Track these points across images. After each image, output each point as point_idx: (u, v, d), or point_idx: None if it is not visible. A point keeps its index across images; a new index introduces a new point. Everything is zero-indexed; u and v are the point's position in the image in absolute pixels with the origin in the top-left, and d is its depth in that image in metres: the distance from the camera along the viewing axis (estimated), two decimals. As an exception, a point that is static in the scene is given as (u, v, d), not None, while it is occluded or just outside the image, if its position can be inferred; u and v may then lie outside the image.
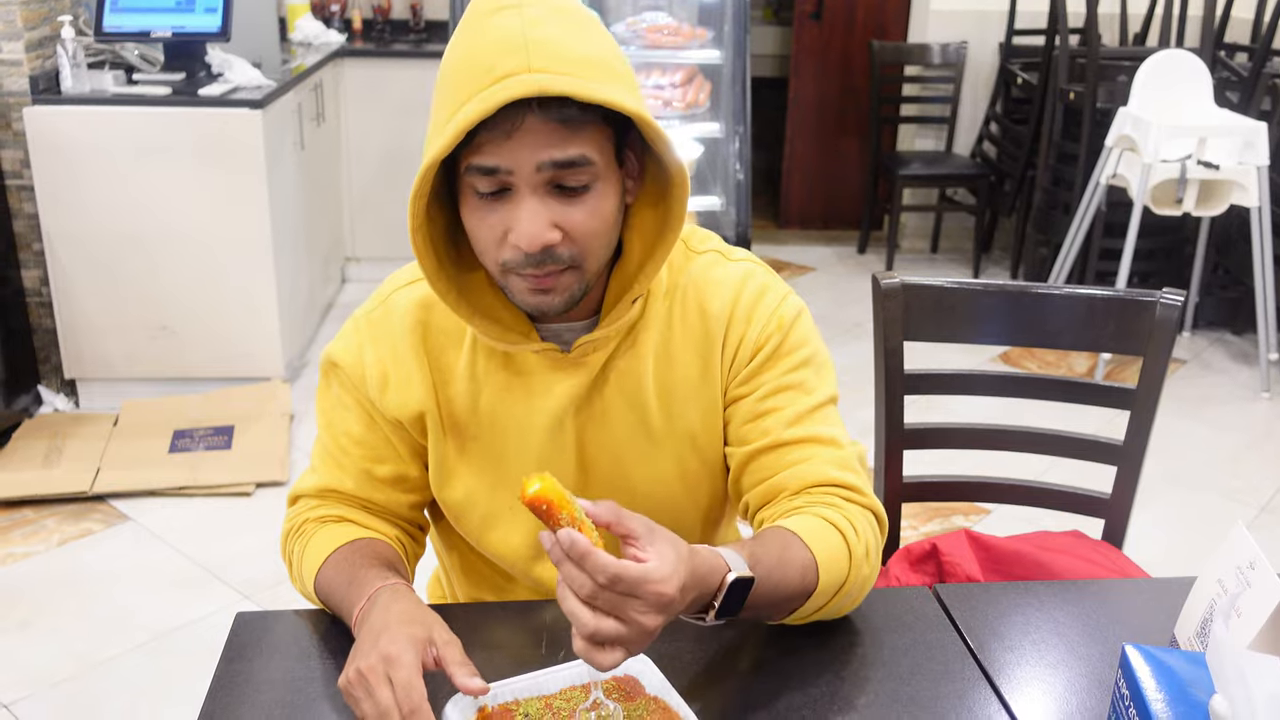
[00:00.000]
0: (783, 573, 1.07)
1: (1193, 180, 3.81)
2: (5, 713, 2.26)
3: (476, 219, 1.06)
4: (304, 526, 1.24)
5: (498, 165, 1.01)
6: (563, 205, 1.04)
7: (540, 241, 1.03)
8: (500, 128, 0.99)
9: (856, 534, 1.14)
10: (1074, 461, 1.81)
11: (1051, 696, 1.10)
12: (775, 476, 1.19)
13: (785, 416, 1.19)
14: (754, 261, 1.24)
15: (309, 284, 4.06)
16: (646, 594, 0.91)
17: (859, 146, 5.66)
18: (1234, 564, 1.05)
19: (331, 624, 1.18)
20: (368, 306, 1.24)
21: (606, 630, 0.90)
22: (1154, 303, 1.66)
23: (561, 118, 1.00)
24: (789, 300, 1.22)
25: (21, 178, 3.41)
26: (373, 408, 1.21)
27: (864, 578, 1.15)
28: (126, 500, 3.07)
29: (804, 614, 1.13)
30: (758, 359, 1.19)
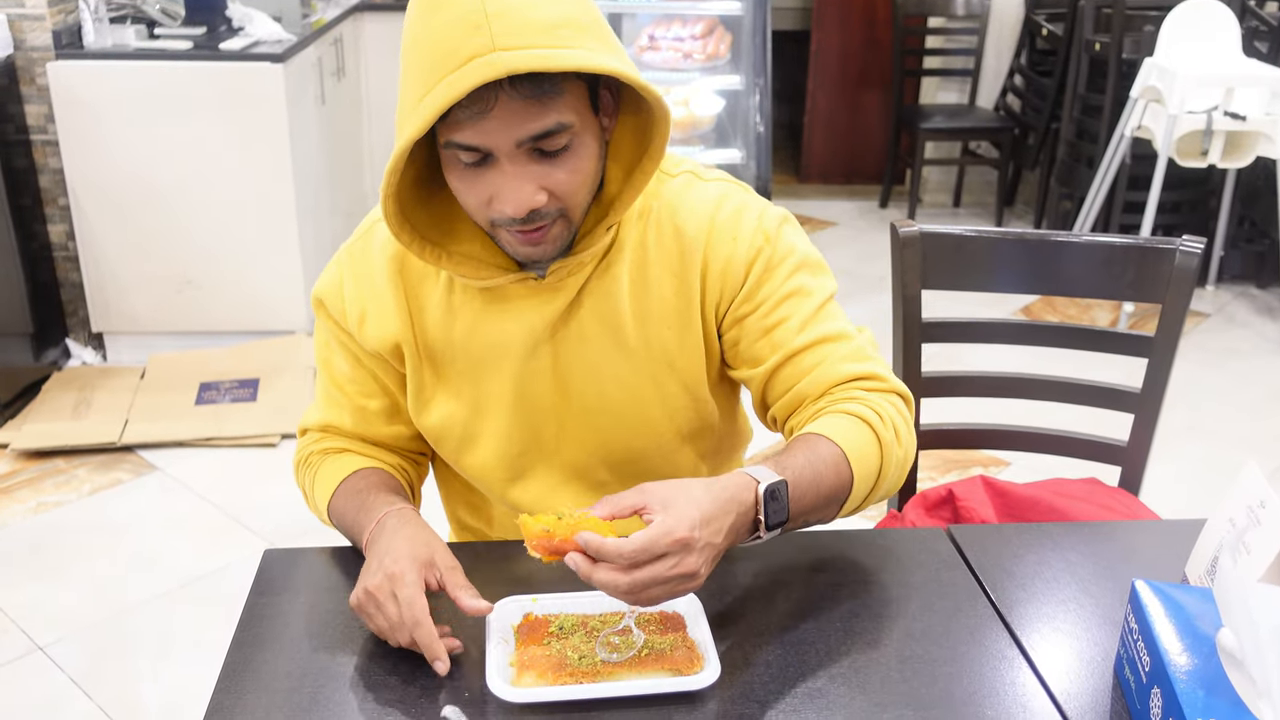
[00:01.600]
0: (815, 471, 1.10)
1: (1219, 131, 3.77)
2: (40, 655, 2.32)
3: (462, 185, 1.08)
4: (310, 459, 1.29)
5: (476, 145, 1.03)
6: (545, 167, 1.05)
7: (526, 206, 1.05)
8: (474, 107, 1.00)
9: (882, 419, 1.16)
10: (1092, 414, 1.82)
11: (1062, 633, 1.12)
12: (795, 387, 1.21)
13: (792, 325, 1.20)
14: (729, 181, 1.24)
15: (331, 238, 4.08)
16: (665, 548, 0.96)
17: (881, 99, 5.61)
18: (1245, 503, 1.06)
19: (355, 559, 1.21)
20: (350, 239, 1.26)
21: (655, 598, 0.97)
22: (1173, 250, 1.66)
23: (534, 92, 1.01)
24: (769, 212, 1.22)
25: (46, 133, 3.44)
26: (355, 344, 1.24)
27: (899, 459, 1.18)
28: (154, 451, 3.12)
29: (853, 504, 1.16)
30: (752, 276, 1.20)
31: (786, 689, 1.02)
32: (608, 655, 1.03)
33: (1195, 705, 0.88)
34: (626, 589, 0.96)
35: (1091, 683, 1.05)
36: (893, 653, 1.08)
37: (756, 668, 1.05)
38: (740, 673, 1.04)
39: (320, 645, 1.08)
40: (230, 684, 1.02)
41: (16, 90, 3.38)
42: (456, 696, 1.00)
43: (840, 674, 1.04)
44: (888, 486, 1.19)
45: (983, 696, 1.02)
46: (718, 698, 1.01)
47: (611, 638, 1.05)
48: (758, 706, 1.00)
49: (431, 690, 1.01)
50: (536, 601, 1.10)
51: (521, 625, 1.08)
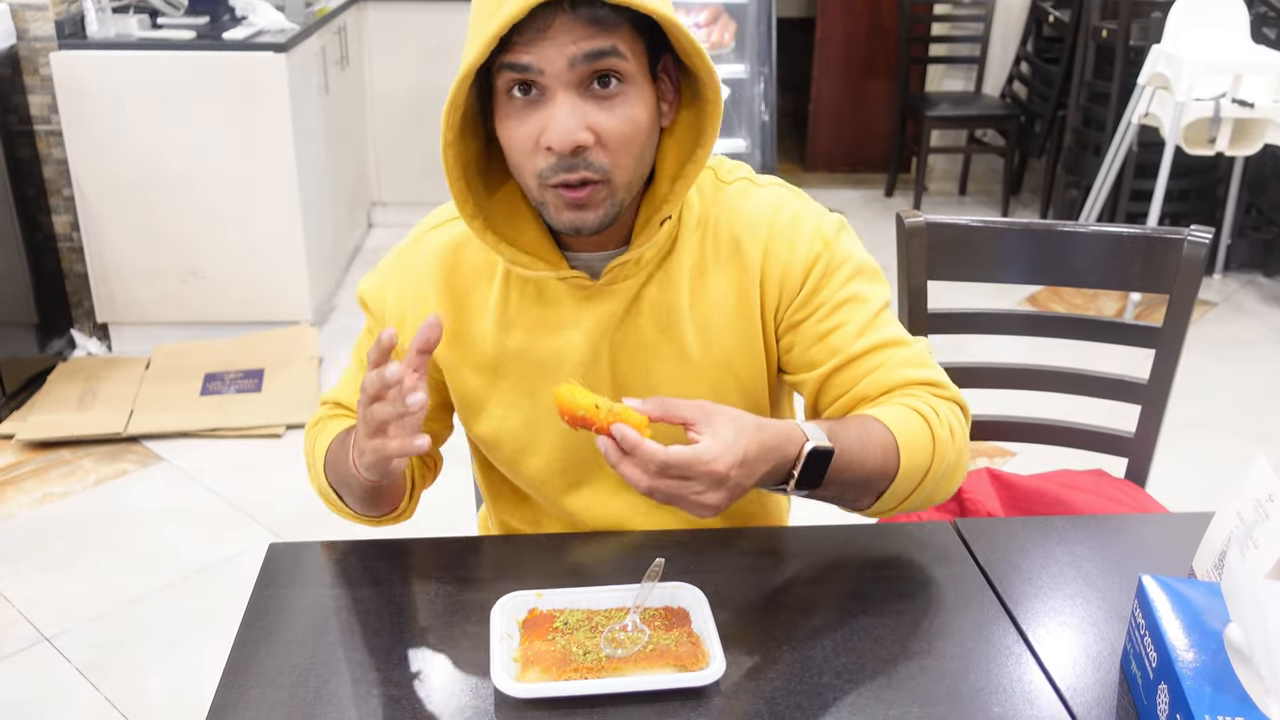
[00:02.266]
0: (863, 448, 1.10)
1: (1227, 119, 3.75)
2: (47, 646, 2.32)
3: (511, 125, 1.06)
4: (320, 422, 1.30)
5: (530, 63, 1.02)
6: (596, 107, 1.04)
7: (573, 140, 1.03)
8: (533, 26, 1.00)
9: (939, 418, 1.16)
10: (1099, 406, 1.81)
11: (1069, 628, 1.12)
12: (853, 390, 1.19)
13: (850, 331, 1.19)
14: (783, 186, 1.24)
15: (335, 228, 4.08)
16: (699, 474, 0.97)
17: (887, 87, 5.59)
18: (1253, 497, 1.05)
19: (362, 554, 1.21)
20: (402, 244, 1.26)
21: (666, 503, 0.98)
22: (1181, 240, 1.65)
23: (593, 16, 1.01)
24: (826, 218, 1.21)
25: (50, 123, 3.43)
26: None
27: (950, 462, 1.16)
28: (160, 441, 3.13)
29: (894, 498, 1.15)
30: (810, 282, 1.19)
31: (792, 685, 1.02)
32: (612, 651, 1.02)
33: (1203, 702, 0.88)
34: (646, 488, 0.97)
35: (1098, 678, 1.04)
36: (899, 648, 1.07)
37: (762, 663, 1.05)
38: (745, 668, 1.04)
39: (325, 641, 1.08)
40: (234, 679, 1.02)
41: (20, 80, 3.37)
42: (461, 691, 1.00)
43: (845, 669, 1.04)
44: (931, 488, 1.17)
45: (989, 693, 1.02)
46: (723, 694, 1.00)
47: (616, 633, 1.04)
48: (763, 703, 1.00)
49: (432, 687, 1.01)
50: (541, 597, 1.10)
51: (526, 620, 1.08)
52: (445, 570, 1.18)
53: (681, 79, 1.13)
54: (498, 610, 1.07)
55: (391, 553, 1.21)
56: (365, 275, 1.27)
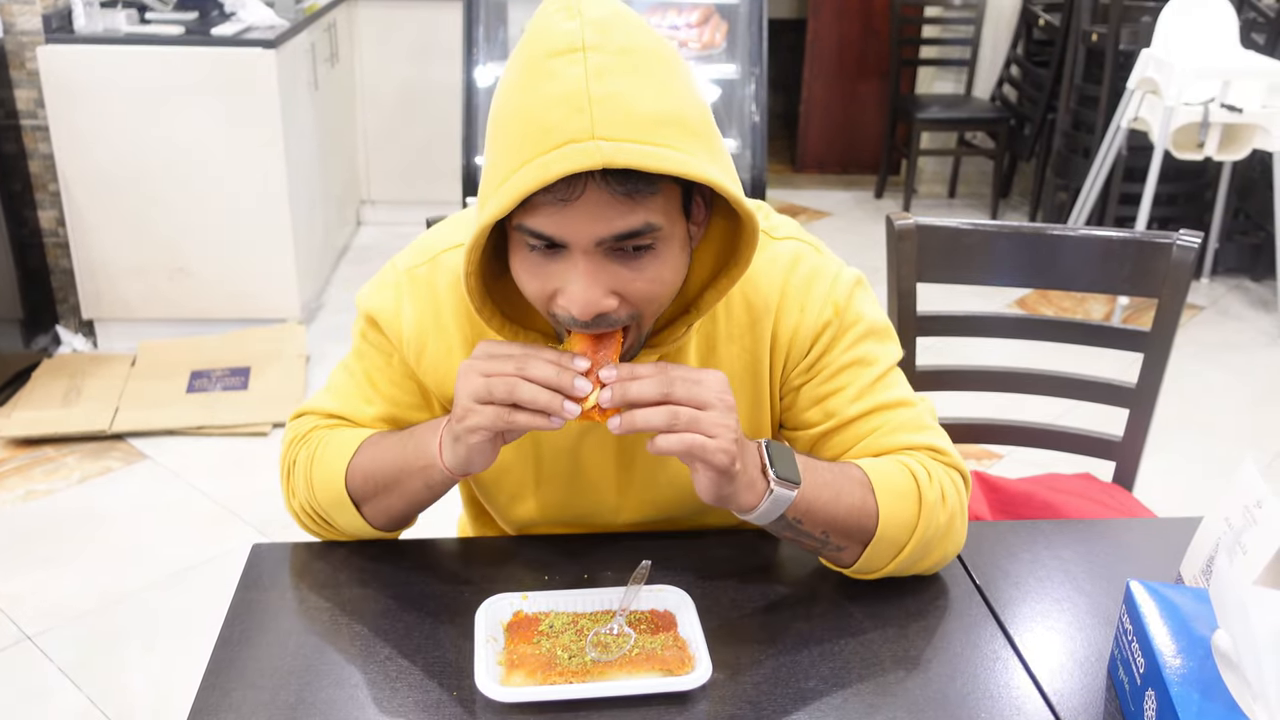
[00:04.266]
0: (836, 482, 1.07)
1: (1215, 124, 3.76)
2: (29, 644, 2.31)
3: (526, 273, 0.99)
4: (311, 435, 1.20)
5: (551, 235, 0.94)
6: (622, 269, 0.96)
7: (595, 310, 0.96)
8: (557, 193, 0.91)
9: (930, 479, 1.11)
10: (1087, 410, 1.81)
11: (1056, 632, 1.11)
12: (846, 453, 1.16)
13: (849, 395, 1.15)
14: (800, 239, 1.18)
15: (324, 227, 4.06)
16: (711, 393, 0.97)
17: (878, 89, 5.59)
18: (1241, 502, 1.05)
19: (345, 556, 1.20)
20: (411, 260, 1.17)
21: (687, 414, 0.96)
22: (1170, 244, 1.65)
23: (626, 190, 0.91)
24: (841, 278, 1.16)
25: (36, 118, 3.41)
26: (409, 368, 1.18)
27: (941, 524, 1.11)
28: (145, 439, 3.11)
29: (880, 553, 1.10)
30: (817, 346, 1.15)
31: (778, 689, 1.01)
32: (598, 654, 1.02)
33: (1190, 709, 0.87)
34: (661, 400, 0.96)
35: (1085, 683, 1.04)
36: (886, 653, 1.07)
37: (748, 668, 1.04)
38: (732, 673, 1.03)
39: (308, 642, 1.07)
40: (215, 681, 1.01)
41: (6, 75, 3.35)
42: (445, 695, 0.99)
43: (832, 674, 1.04)
44: (923, 551, 1.11)
45: (976, 698, 1.01)
46: (709, 698, 1.00)
47: (602, 636, 1.04)
48: (749, 707, 0.99)
49: (416, 690, 1.00)
50: (527, 599, 1.09)
51: (511, 623, 1.07)
52: (430, 572, 1.18)
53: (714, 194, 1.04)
54: (482, 613, 1.06)
55: (376, 554, 1.20)
56: (367, 287, 1.18)
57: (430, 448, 1.07)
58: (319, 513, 1.19)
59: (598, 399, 0.97)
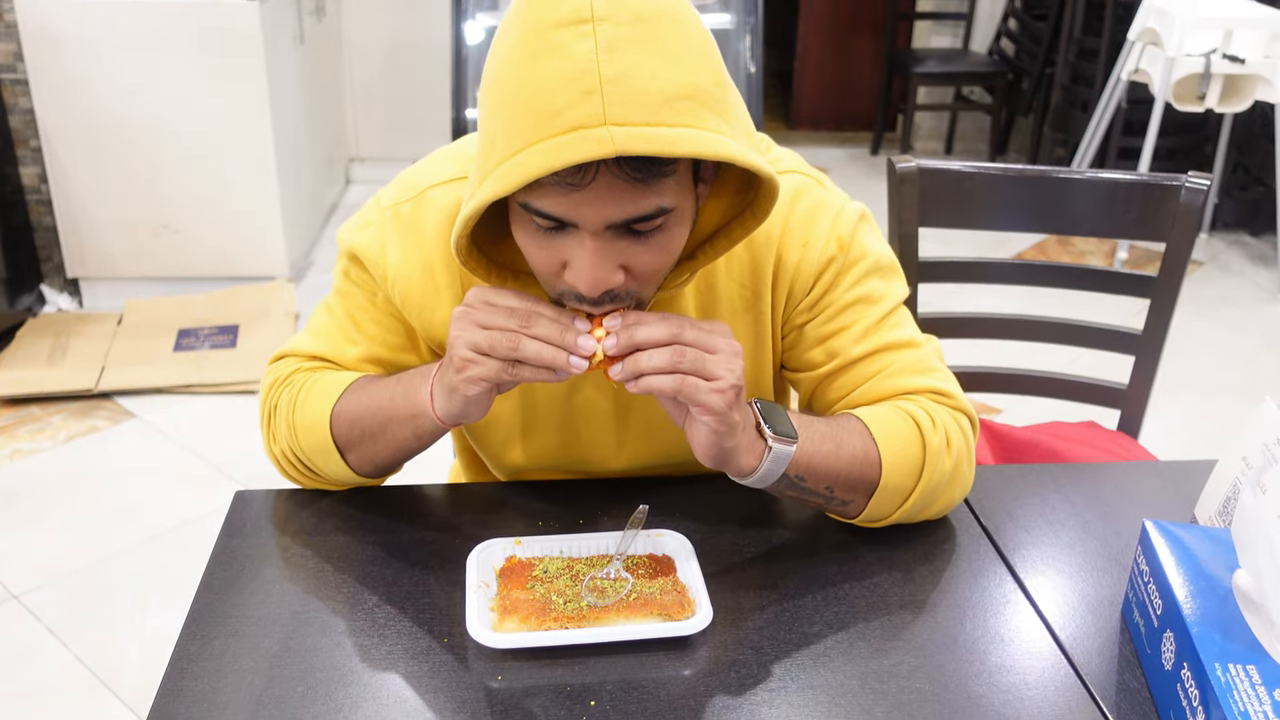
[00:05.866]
0: (835, 435, 1.03)
1: (1217, 75, 3.70)
2: (16, 604, 2.27)
3: (531, 245, 0.94)
4: (293, 377, 1.15)
5: (560, 217, 0.89)
6: (630, 244, 0.92)
7: (603, 286, 0.92)
8: (566, 178, 0.86)
9: (934, 424, 1.07)
10: (1092, 360, 1.77)
11: (1067, 576, 1.08)
12: (849, 395, 1.12)
13: (853, 334, 1.11)
14: (801, 172, 1.12)
15: (312, 183, 3.99)
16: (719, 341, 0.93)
17: (873, 44, 5.51)
18: (1260, 440, 1.01)
19: (331, 504, 1.16)
20: (396, 196, 1.11)
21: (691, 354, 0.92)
22: (1179, 186, 1.60)
23: (641, 175, 0.87)
24: (845, 212, 1.11)
25: (15, 71, 3.33)
26: (393, 307, 1.13)
27: (946, 471, 1.08)
28: (132, 398, 3.06)
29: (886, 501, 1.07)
30: (820, 282, 1.11)
31: (781, 634, 0.98)
32: (594, 599, 0.98)
33: (1211, 649, 0.84)
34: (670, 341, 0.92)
35: (1098, 626, 1.01)
36: (892, 597, 1.03)
37: (750, 613, 1.00)
38: (733, 618, 0.99)
39: (290, 590, 1.03)
40: (196, 629, 0.97)
41: (-16, 27, 3.27)
42: (435, 642, 0.96)
43: (837, 619, 1.00)
44: (929, 498, 1.09)
45: (987, 642, 0.98)
46: (709, 643, 0.96)
47: (598, 581, 1.00)
48: (751, 653, 0.95)
49: (405, 637, 0.96)
50: (520, 544, 1.05)
51: (504, 569, 1.03)
52: (419, 519, 1.14)
53: None
54: (474, 558, 1.02)
55: (363, 501, 1.16)
56: (350, 225, 1.14)
57: (420, 396, 1.03)
58: (301, 459, 1.14)
59: (603, 346, 0.93)
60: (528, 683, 0.91)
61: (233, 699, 0.89)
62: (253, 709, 0.88)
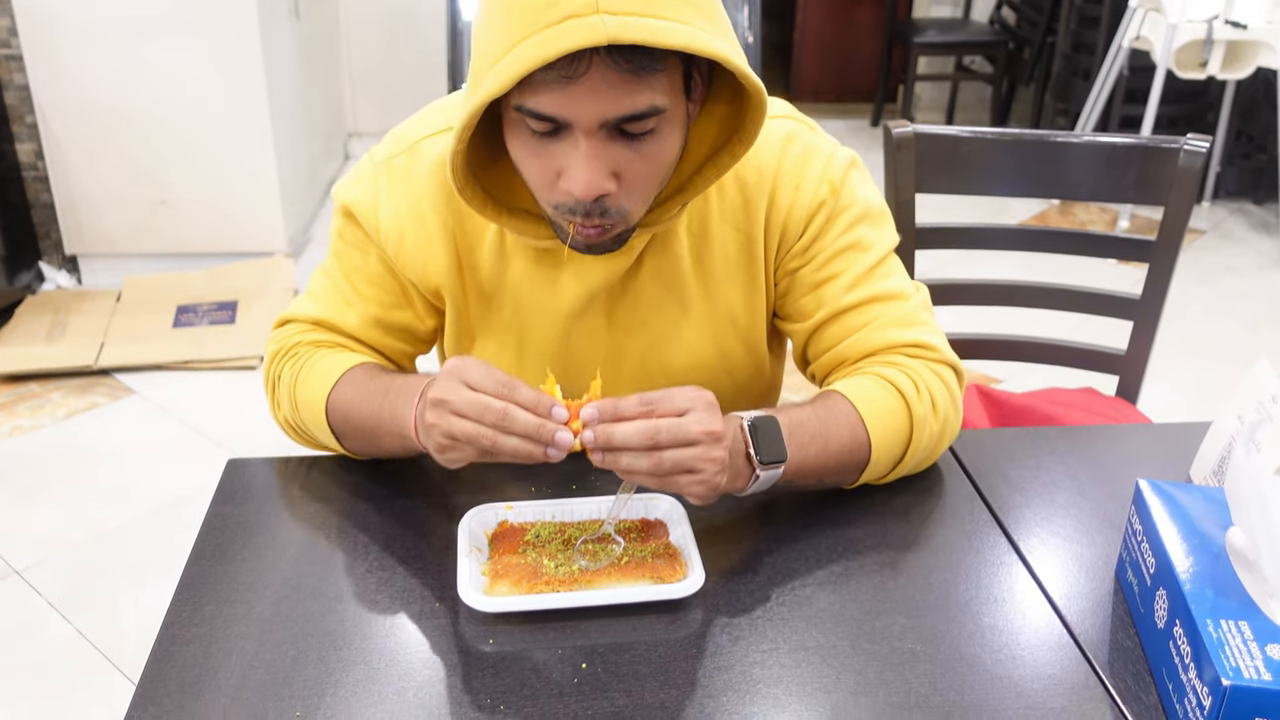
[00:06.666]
0: (822, 424, 1.04)
1: (1219, 41, 3.67)
2: (18, 579, 2.28)
3: (526, 155, 0.96)
4: (295, 350, 1.16)
5: (555, 115, 0.91)
6: (622, 150, 0.94)
7: (596, 190, 0.94)
8: (560, 71, 0.87)
9: (918, 390, 1.09)
10: (1091, 327, 1.76)
11: (1062, 537, 1.08)
12: (836, 347, 1.14)
13: (844, 282, 1.12)
14: (793, 117, 1.14)
15: (310, 158, 3.98)
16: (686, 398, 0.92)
17: (874, 14, 5.47)
18: (1255, 398, 1.01)
19: (321, 470, 1.16)
20: (388, 150, 1.13)
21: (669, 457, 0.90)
22: (1177, 150, 1.59)
23: (633, 67, 0.88)
24: (836, 156, 1.13)
25: (10, 47, 3.31)
26: (390, 260, 1.14)
27: (933, 433, 1.10)
28: (131, 375, 3.06)
29: (877, 474, 1.10)
30: (812, 227, 1.12)
31: (774, 597, 0.97)
32: (586, 563, 0.98)
33: (1204, 606, 0.84)
34: (647, 437, 0.90)
35: (1091, 586, 1.00)
36: (885, 559, 1.03)
37: (743, 576, 1.00)
38: (725, 581, 0.99)
39: (282, 556, 1.03)
40: (188, 595, 0.97)
41: (-23, 2, 3.25)
42: (426, 607, 0.95)
43: (830, 581, 1.00)
44: (919, 459, 1.11)
45: (980, 603, 0.98)
46: (702, 606, 0.96)
47: (590, 545, 1.00)
48: (744, 615, 0.95)
49: (396, 602, 0.96)
50: (512, 509, 1.05)
51: (496, 533, 1.03)
52: (411, 485, 1.13)
53: (714, 69, 1.01)
54: (465, 523, 1.02)
55: (355, 466, 1.16)
56: (345, 181, 1.15)
57: (406, 421, 1.02)
58: (303, 430, 1.16)
59: (580, 439, 0.91)
60: (520, 646, 0.91)
61: (224, 664, 0.89)
62: (244, 673, 0.88)
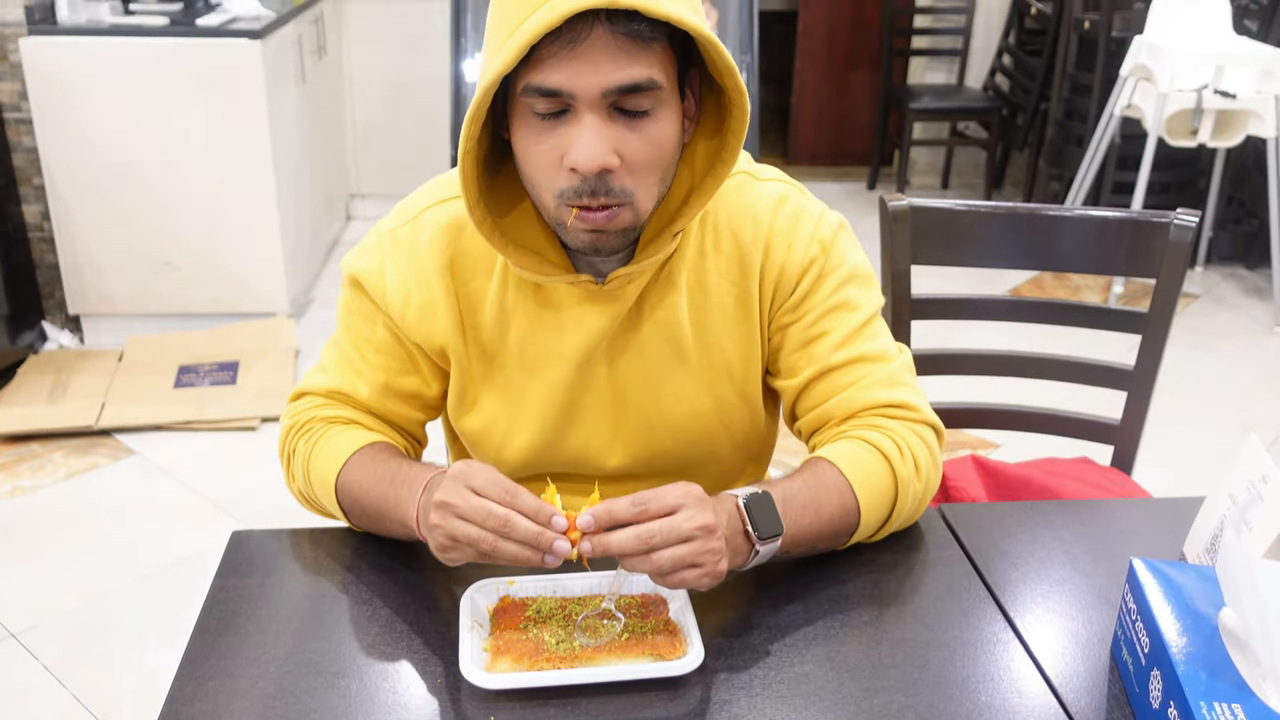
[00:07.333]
0: (814, 494, 1.08)
1: (1209, 110, 3.73)
2: (14, 642, 2.27)
3: (532, 141, 1.01)
4: (309, 425, 1.19)
5: (560, 88, 0.96)
6: (624, 130, 0.99)
7: (599, 163, 0.98)
8: (564, 39, 0.94)
9: (901, 452, 1.13)
10: (1085, 396, 1.78)
11: (1057, 614, 1.09)
12: (823, 405, 1.18)
13: (832, 340, 1.17)
14: (784, 181, 1.20)
15: (313, 220, 4.02)
16: (677, 495, 0.95)
17: (870, 80, 5.56)
18: (1246, 478, 1.03)
19: (326, 542, 1.17)
20: (393, 222, 1.18)
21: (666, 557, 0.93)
22: (1168, 224, 1.62)
23: (630, 32, 0.95)
24: (826, 218, 1.18)
25: (20, 110, 3.37)
26: (395, 326, 1.18)
27: (917, 493, 1.15)
28: (132, 435, 3.07)
29: (865, 535, 1.15)
30: (803, 284, 1.17)
31: (773, 674, 0.98)
32: (586, 640, 0.99)
33: (1197, 688, 0.85)
34: (644, 540, 0.93)
35: (1088, 665, 1.01)
36: (883, 636, 1.04)
37: (742, 652, 1.01)
38: (725, 658, 1.00)
39: (287, 631, 1.03)
40: (192, 670, 0.98)
41: (-12, 67, 3.31)
42: (429, 683, 0.96)
43: (829, 658, 1.01)
44: (905, 518, 1.17)
45: (976, 681, 0.98)
46: (701, 684, 0.97)
47: (591, 621, 1.01)
48: (743, 693, 0.96)
49: (399, 678, 0.97)
50: (513, 584, 1.06)
51: (498, 608, 1.04)
52: (414, 557, 1.14)
53: (705, 93, 1.10)
54: (468, 598, 1.03)
55: (359, 539, 1.17)
56: (352, 252, 1.20)
57: (409, 514, 1.05)
58: (318, 504, 1.20)
59: (579, 549, 0.95)
60: (520, 723, 0.92)
61: (227, 740, 0.90)
62: (247, 750, 0.89)
